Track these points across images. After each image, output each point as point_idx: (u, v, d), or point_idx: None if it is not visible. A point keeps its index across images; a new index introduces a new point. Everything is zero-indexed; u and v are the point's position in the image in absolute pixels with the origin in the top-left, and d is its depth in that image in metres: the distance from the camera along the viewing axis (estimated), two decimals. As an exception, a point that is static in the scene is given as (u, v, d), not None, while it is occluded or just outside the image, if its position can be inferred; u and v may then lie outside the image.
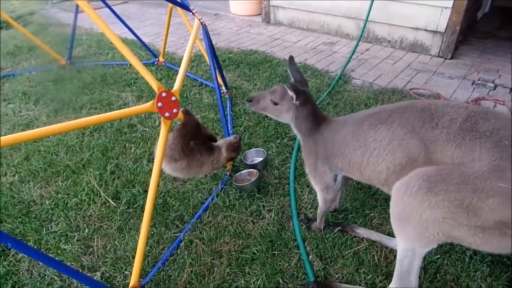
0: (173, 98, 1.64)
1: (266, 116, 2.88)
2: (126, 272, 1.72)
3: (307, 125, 1.75)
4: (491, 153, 1.19)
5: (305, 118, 1.74)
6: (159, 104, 1.60)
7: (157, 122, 2.84)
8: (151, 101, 1.59)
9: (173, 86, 1.73)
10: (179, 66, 1.94)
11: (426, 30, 3.99)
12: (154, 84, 1.63)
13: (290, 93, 1.67)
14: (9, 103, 3.25)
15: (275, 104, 1.74)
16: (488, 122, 1.26)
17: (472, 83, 3.40)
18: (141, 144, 2.60)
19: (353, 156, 1.57)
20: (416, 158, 1.36)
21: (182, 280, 1.68)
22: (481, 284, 1.59)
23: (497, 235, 1.18)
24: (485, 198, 1.15)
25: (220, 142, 2.11)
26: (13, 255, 1.81)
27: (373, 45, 4.42)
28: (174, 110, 1.65)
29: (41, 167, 2.40)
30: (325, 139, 1.71)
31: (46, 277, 1.71)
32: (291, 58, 1.85)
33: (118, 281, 1.69)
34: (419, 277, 1.59)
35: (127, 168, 2.36)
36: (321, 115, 1.78)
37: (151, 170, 1.87)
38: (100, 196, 2.15)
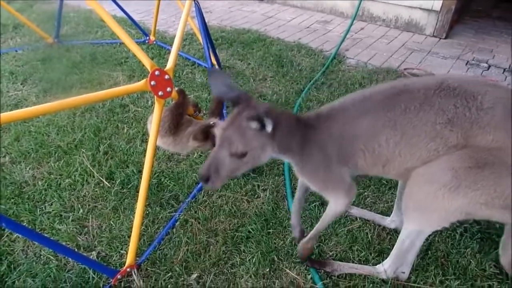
0: (167, 77, 1.61)
1: (260, 96, 2.86)
2: (122, 251, 1.73)
3: (300, 139, 1.30)
4: None
5: (290, 135, 1.28)
6: (152, 82, 1.57)
7: (149, 102, 2.80)
8: (144, 80, 1.56)
9: (165, 65, 1.69)
10: (170, 45, 1.91)
11: (421, 9, 3.95)
12: (147, 62, 1.59)
13: (252, 124, 1.14)
14: (-4, 83, 3.16)
15: (243, 155, 1.18)
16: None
17: (466, 63, 3.40)
18: (134, 124, 2.57)
19: (383, 148, 1.26)
20: (456, 144, 1.18)
21: (178, 259, 1.69)
22: (471, 260, 1.64)
23: None
24: None
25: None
26: (7, 235, 1.80)
27: (368, 24, 4.36)
28: (168, 89, 1.62)
29: (32, 148, 2.36)
30: (337, 136, 1.31)
31: (41, 256, 1.71)
32: (212, 71, 1.31)
33: (114, 260, 1.70)
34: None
35: (120, 149, 2.34)
36: (304, 116, 1.37)
37: (145, 151, 1.86)
38: (94, 177, 2.13)
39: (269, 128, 1.15)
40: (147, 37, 3.78)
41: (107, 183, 2.10)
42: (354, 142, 1.29)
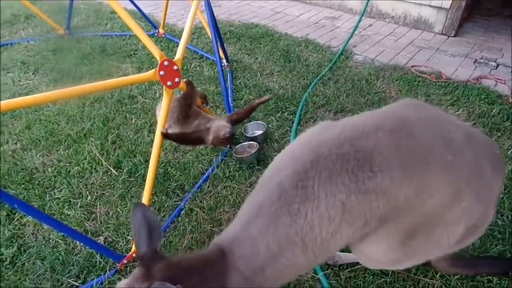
0: (175, 67, 1.65)
1: (267, 90, 2.88)
2: (128, 237, 1.77)
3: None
4: (443, 176, 1.02)
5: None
6: (161, 72, 1.60)
7: (157, 94, 2.84)
8: (153, 70, 1.60)
9: (173, 58, 1.72)
10: (179, 38, 1.94)
11: (430, 6, 3.92)
12: (156, 52, 1.63)
13: None
14: (8, 72, 3.22)
15: None
16: (417, 138, 1.04)
17: (474, 62, 3.38)
18: (141, 115, 2.61)
19: (297, 258, 1.06)
20: (368, 221, 1.03)
21: (183, 246, 1.73)
22: (472, 255, 1.65)
23: (471, 237, 1.18)
24: (457, 227, 1.08)
25: (213, 128, 2.03)
26: (17, 219, 1.86)
27: (376, 21, 4.35)
28: (176, 79, 1.66)
29: (42, 136, 2.42)
30: (248, 274, 1.07)
31: (50, 240, 1.76)
32: (136, 206, 1.07)
33: (120, 245, 1.75)
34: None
35: (128, 139, 2.38)
36: (207, 256, 1.08)
37: (152, 141, 1.90)
38: (102, 165, 2.18)
39: None
40: (156, 30, 3.81)
41: (114, 171, 2.14)
42: (266, 270, 1.07)
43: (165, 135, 1.76)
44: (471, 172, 1.05)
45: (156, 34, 3.81)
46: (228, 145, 2.21)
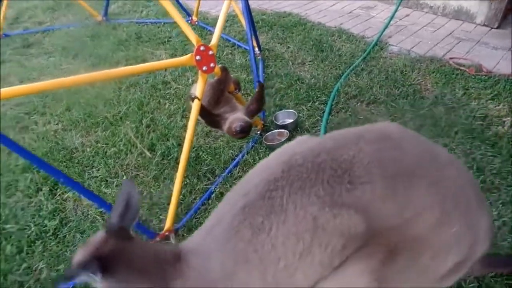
0: (210, 52, 1.68)
1: (298, 79, 2.86)
2: (161, 217, 1.84)
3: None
4: (429, 192, 0.92)
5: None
6: (197, 57, 1.63)
7: (190, 80, 2.89)
8: (190, 54, 1.63)
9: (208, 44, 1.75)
10: (212, 26, 1.97)
11: (473, -4, 3.75)
12: (193, 37, 1.66)
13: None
14: (50, 57, 3.38)
15: None
16: (403, 150, 0.96)
17: (518, 55, 3.21)
18: (174, 101, 2.68)
19: (253, 282, 0.93)
20: (347, 243, 0.88)
21: (213, 228, 1.78)
22: (507, 251, 1.60)
23: (455, 275, 1.02)
24: (444, 257, 0.94)
25: (230, 118, 1.98)
26: (59, 194, 1.98)
27: (414, 11, 4.20)
28: (212, 64, 1.69)
29: (81, 118, 2.53)
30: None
31: (89, 216, 1.86)
32: (125, 183, 1.06)
33: (153, 224, 1.82)
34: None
35: (162, 123, 2.45)
36: (164, 254, 1.04)
37: (185, 126, 1.95)
38: (137, 147, 2.26)
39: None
40: (190, 18, 3.85)
41: (149, 154, 2.22)
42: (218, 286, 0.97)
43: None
44: (458, 192, 0.95)
45: (189, 22, 3.85)
46: (243, 137, 2.13)
